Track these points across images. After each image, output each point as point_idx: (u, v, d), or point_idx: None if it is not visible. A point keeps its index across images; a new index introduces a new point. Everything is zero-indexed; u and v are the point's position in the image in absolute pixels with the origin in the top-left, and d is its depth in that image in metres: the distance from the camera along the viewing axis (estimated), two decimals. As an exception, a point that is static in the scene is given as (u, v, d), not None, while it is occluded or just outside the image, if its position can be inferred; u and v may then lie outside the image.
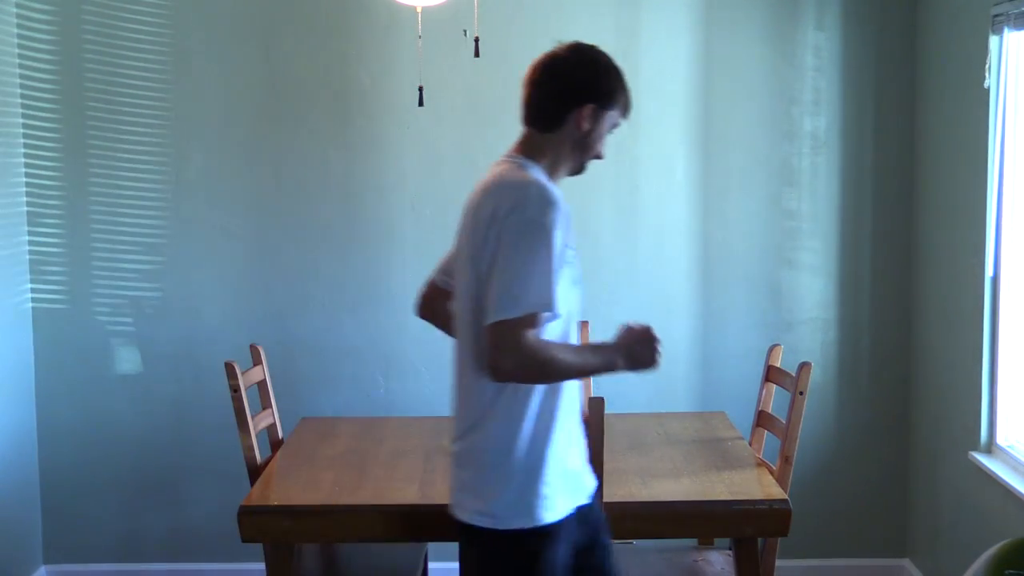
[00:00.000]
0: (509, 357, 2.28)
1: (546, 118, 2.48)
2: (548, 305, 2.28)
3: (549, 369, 2.33)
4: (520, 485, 2.39)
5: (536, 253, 2.28)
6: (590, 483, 2.59)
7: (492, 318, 2.29)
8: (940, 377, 3.95)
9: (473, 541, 2.46)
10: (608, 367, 2.44)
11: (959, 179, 3.76)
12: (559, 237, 2.31)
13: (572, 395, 2.49)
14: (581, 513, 2.50)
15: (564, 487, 2.45)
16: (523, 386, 2.38)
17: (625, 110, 2.52)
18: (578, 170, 2.53)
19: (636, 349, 2.43)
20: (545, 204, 2.32)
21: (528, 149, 2.49)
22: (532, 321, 2.28)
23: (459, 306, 2.47)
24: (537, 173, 2.42)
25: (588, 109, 2.44)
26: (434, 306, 2.73)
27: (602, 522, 2.63)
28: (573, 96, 2.45)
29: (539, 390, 2.40)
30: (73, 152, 4.15)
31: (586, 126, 2.45)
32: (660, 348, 2.44)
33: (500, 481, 2.40)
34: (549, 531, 2.41)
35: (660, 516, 2.99)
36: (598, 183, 4.19)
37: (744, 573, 3.05)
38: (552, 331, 2.38)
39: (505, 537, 2.40)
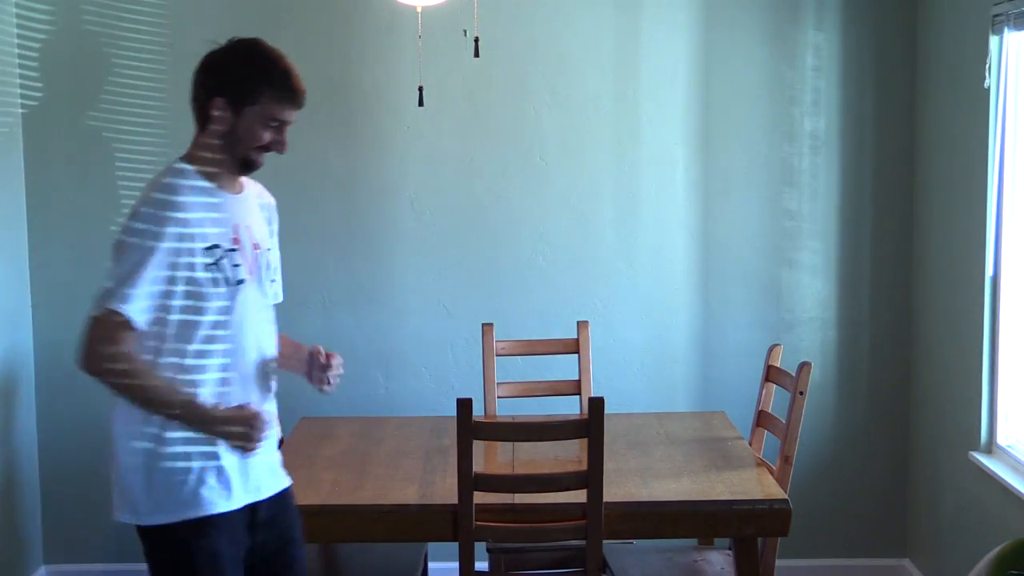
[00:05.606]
0: (81, 352, 2.38)
1: (195, 115, 2.51)
2: (123, 305, 2.31)
3: (122, 384, 2.36)
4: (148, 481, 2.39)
5: (128, 257, 2.33)
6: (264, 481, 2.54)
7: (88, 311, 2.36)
8: (940, 377, 3.95)
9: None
10: (189, 422, 2.39)
11: (959, 179, 3.76)
12: (165, 240, 2.33)
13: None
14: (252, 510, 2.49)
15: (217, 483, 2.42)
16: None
17: (278, 103, 2.46)
18: (241, 168, 2.50)
19: (230, 426, 2.41)
20: (157, 208, 2.35)
21: (189, 149, 2.51)
22: (109, 316, 2.32)
23: None
24: (176, 176, 2.42)
25: (218, 103, 2.43)
26: None
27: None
28: (206, 92, 2.46)
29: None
30: (73, 152, 4.15)
31: (222, 123, 2.44)
32: (261, 439, 2.43)
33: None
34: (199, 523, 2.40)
35: (660, 516, 2.99)
36: (598, 183, 4.19)
37: (744, 573, 3.05)
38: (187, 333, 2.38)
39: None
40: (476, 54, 3.47)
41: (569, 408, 3.95)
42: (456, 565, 2.98)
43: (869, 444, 4.26)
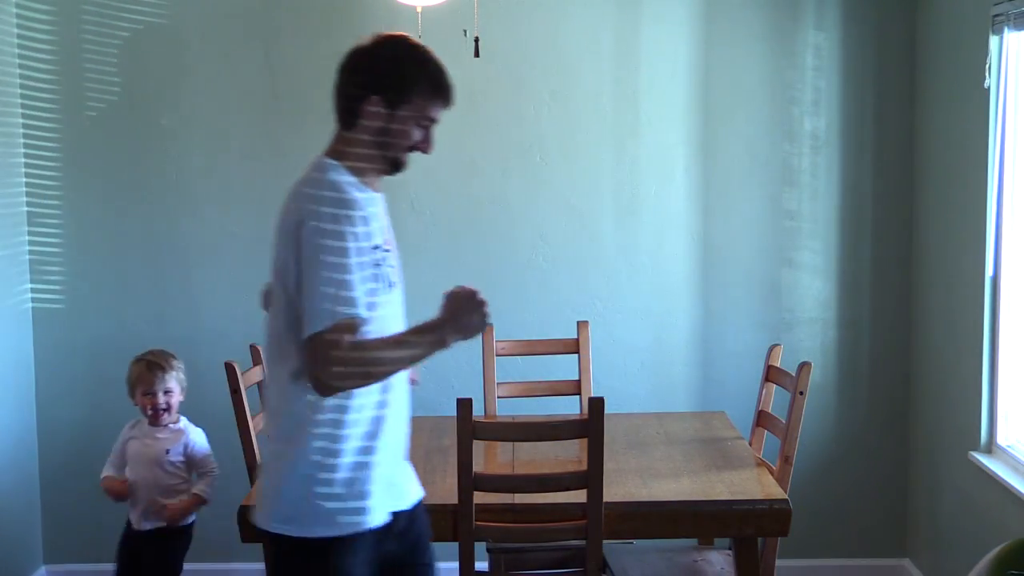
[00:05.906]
0: (327, 370, 2.20)
1: (341, 113, 2.40)
2: (352, 309, 2.20)
3: (372, 369, 2.26)
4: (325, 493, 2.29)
5: (334, 260, 2.20)
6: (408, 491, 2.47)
7: (305, 334, 2.22)
8: (940, 377, 3.95)
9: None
10: (437, 344, 2.33)
11: (959, 179, 3.76)
12: (357, 239, 2.23)
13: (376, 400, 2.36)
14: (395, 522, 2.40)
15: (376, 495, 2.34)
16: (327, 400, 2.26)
17: (432, 101, 2.38)
18: (391, 168, 2.41)
19: (463, 317, 2.32)
20: (338, 207, 2.25)
21: (332, 147, 2.40)
22: (345, 328, 2.20)
23: (269, 318, 2.36)
24: (336, 173, 2.32)
25: (374, 100, 2.34)
26: None
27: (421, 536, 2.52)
28: (359, 89, 2.36)
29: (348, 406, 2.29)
30: (73, 152, 4.15)
31: (377, 121, 2.35)
32: (487, 309, 2.31)
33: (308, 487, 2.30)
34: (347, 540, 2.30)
35: (660, 516, 2.99)
36: (598, 183, 4.19)
37: (744, 573, 3.05)
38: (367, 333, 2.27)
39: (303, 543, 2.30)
40: (476, 54, 3.47)
41: (569, 408, 3.95)
42: (456, 565, 2.98)
43: (869, 444, 4.26)
